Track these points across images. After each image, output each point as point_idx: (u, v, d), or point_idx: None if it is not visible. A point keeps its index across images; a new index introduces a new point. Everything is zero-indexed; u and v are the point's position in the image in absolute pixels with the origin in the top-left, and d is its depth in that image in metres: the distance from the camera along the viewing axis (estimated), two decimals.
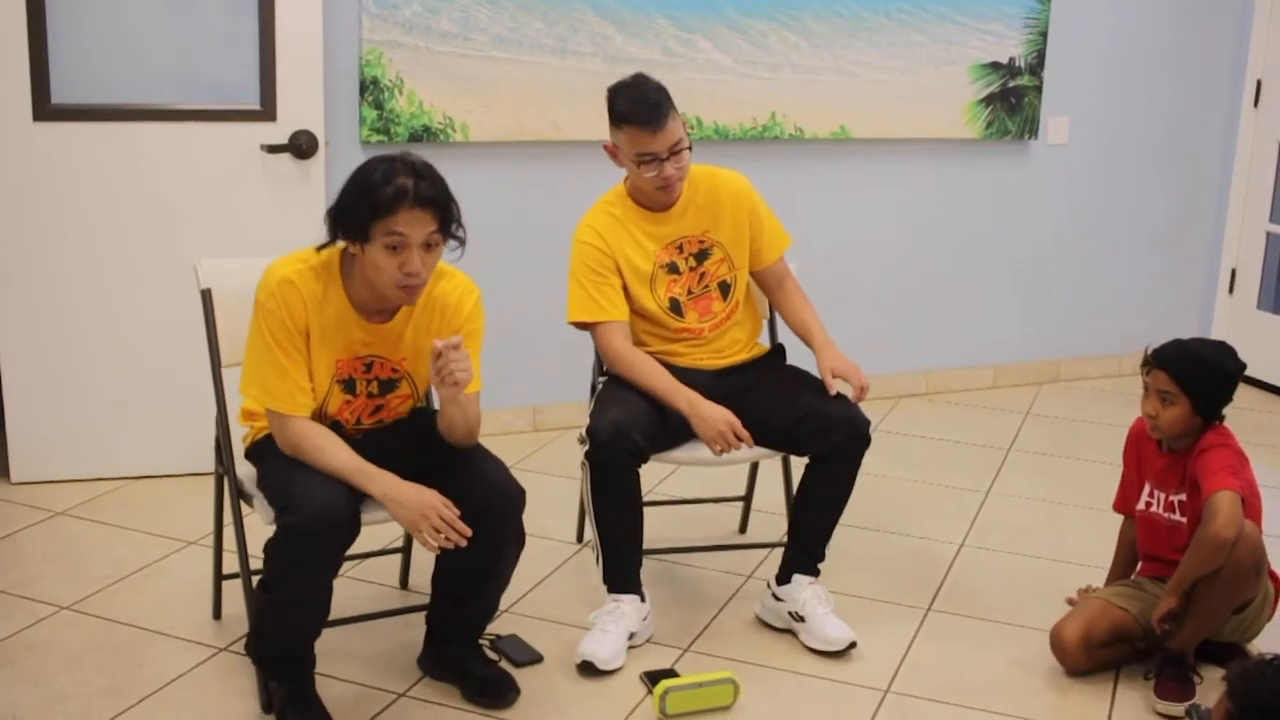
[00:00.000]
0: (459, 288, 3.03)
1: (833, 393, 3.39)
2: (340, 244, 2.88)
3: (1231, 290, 5.99)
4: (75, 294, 4.19)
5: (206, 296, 3.20)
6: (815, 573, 3.47)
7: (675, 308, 3.51)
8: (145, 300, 4.24)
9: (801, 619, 3.40)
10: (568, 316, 3.49)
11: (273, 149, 4.20)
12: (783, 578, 3.47)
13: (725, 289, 3.55)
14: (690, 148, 3.40)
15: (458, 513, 2.82)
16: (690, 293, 3.53)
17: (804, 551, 3.47)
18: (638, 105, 3.32)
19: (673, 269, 3.51)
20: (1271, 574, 3.32)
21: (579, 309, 3.47)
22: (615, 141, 3.41)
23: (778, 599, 3.47)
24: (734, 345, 3.60)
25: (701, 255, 3.53)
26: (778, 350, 3.71)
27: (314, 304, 2.89)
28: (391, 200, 2.76)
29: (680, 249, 3.51)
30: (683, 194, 3.49)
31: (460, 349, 2.82)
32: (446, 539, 2.81)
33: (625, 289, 3.47)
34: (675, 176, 3.39)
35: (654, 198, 3.46)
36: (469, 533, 2.82)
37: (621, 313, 3.47)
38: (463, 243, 2.91)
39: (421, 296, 2.92)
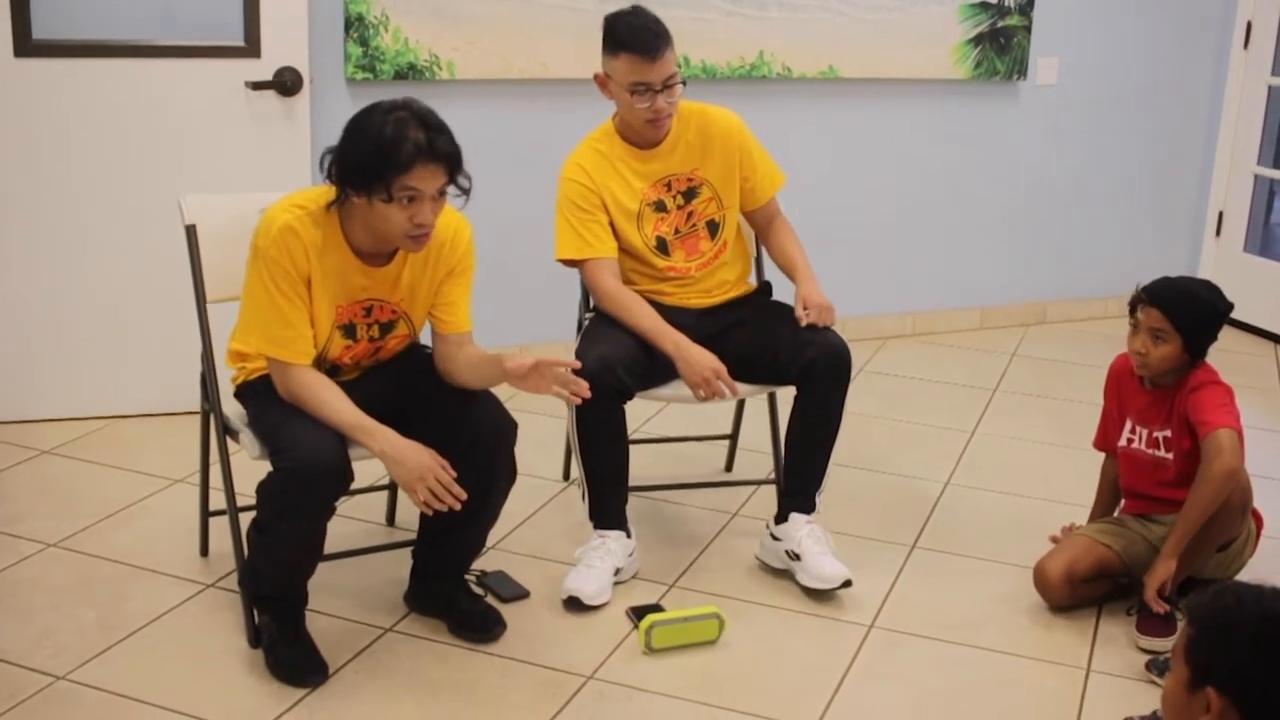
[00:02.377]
0: (451, 224, 3.01)
1: (803, 323, 3.36)
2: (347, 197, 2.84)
3: (1219, 233, 5.99)
4: (59, 232, 4.17)
5: (191, 232, 3.18)
6: (811, 509, 3.45)
7: (661, 246, 3.50)
8: (129, 237, 4.21)
9: (798, 557, 3.39)
10: (556, 254, 3.47)
11: (257, 86, 4.17)
12: (780, 517, 3.46)
13: (713, 228, 3.54)
14: (684, 83, 3.38)
15: (454, 475, 2.83)
16: (678, 231, 3.51)
17: (799, 489, 3.46)
18: (638, 32, 3.30)
19: (660, 207, 3.49)
20: (1254, 513, 3.34)
21: (566, 246, 3.46)
22: (608, 70, 3.38)
23: (775, 538, 3.46)
24: (722, 286, 3.59)
25: (690, 194, 3.51)
26: (764, 287, 3.70)
27: (315, 251, 2.86)
28: (410, 158, 2.73)
29: (668, 186, 3.49)
30: (672, 131, 3.47)
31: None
32: (440, 500, 2.82)
33: (613, 226, 3.46)
34: (666, 111, 3.37)
35: (643, 133, 3.44)
36: (464, 496, 2.83)
37: (609, 249, 3.45)
38: (467, 191, 2.88)
39: None
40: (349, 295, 2.94)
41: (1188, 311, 3.21)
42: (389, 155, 2.73)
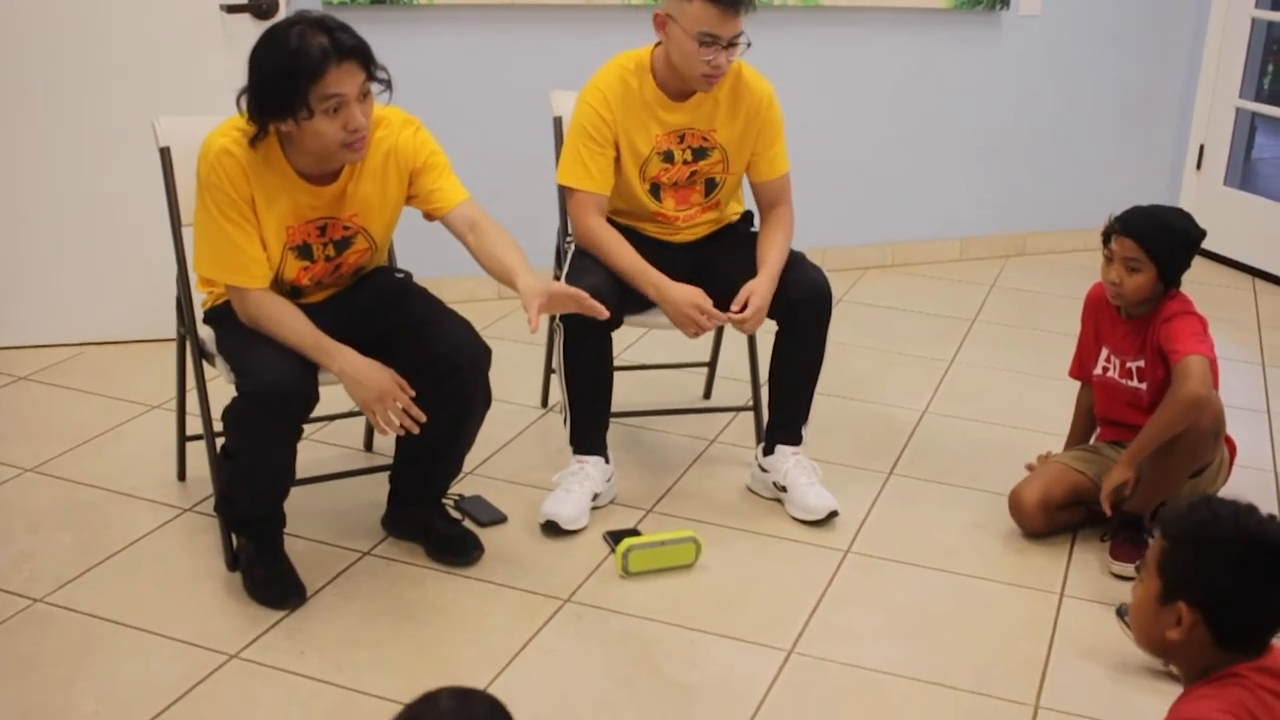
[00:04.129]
0: (394, 128, 2.95)
1: (734, 309, 3.29)
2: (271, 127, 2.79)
3: (1199, 166, 5.98)
4: (34, 157, 4.13)
5: (165, 154, 3.15)
6: (797, 441, 3.48)
7: (654, 191, 3.46)
8: (105, 162, 4.17)
9: (784, 489, 3.43)
10: (558, 177, 3.43)
11: (232, 9, 4.11)
12: (768, 449, 3.48)
13: (710, 185, 3.48)
14: (750, 44, 3.27)
15: (413, 394, 2.82)
16: (676, 184, 3.47)
17: (785, 421, 3.49)
18: None
19: (668, 157, 3.42)
20: (1228, 440, 3.36)
21: (568, 172, 3.39)
22: (674, 12, 3.22)
23: (764, 470, 3.49)
24: (707, 230, 3.56)
25: (700, 153, 3.43)
26: (745, 217, 3.67)
27: (255, 171, 2.83)
28: (320, 63, 2.67)
29: (681, 139, 3.41)
30: None
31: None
32: (399, 423, 2.81)
33: (618, 161, 3.40)
34: (725, 69, 3.27)
35: (692, 84, 3.31)
36: (424, 418, 2.83)
37: (605, 186, 3.39)
38: (388, 84, 2.82)
39: None
40: (298, 215, 2.91)
41: (1161, 240, 3.21)
42: (299, 67, 2.67)
